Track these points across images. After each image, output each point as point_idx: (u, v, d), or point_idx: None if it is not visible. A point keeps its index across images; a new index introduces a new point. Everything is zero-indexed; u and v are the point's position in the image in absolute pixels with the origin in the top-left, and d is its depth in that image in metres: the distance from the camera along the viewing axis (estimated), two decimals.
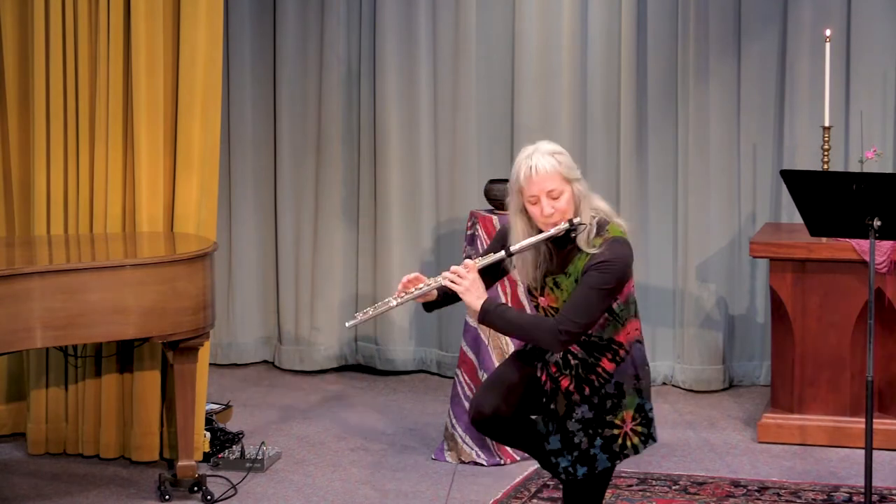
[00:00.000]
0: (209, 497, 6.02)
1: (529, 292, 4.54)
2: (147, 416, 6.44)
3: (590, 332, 4.43)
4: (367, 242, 8.15)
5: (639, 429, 4.55)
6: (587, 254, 4.43)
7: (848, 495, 6.05)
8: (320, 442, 6.86)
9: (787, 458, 6.58)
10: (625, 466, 6.43)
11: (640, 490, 6.11)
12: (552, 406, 4.52)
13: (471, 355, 6.43)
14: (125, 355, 6.47)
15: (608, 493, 6.06)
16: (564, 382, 4.46)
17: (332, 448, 6.77)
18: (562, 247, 4.48)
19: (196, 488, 6.06)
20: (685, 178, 7.70)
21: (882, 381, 6.75)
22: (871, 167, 6.82)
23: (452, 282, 4.42)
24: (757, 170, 7.69)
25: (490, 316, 4.38)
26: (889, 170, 7.39)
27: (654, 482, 6.22)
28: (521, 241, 4.46)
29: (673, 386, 7.79)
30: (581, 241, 4.45)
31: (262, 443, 6.51)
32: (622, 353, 4.46)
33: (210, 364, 6.74)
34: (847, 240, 6.55)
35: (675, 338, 7.82)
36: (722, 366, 7.71)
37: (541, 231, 4.46)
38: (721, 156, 7.66)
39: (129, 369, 6.47)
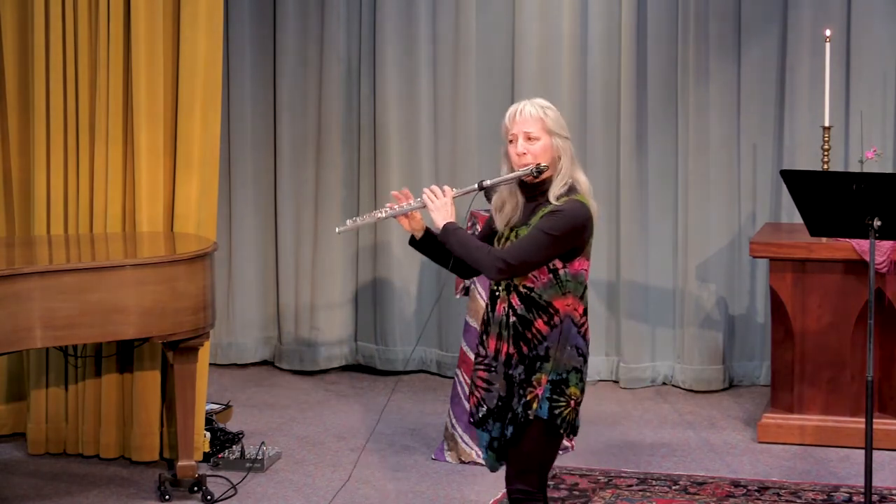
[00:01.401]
0: (209, 497, 6.02)
1: (498, 238, 4.71)
2: (147, 416, 6.44)
3: (531, 286, 4.53)
4: (367, 242, 8.15)
5: (551, 398, 4.56)
6: (549, 207, 4.57)
7: (848, 495, 6.05)
8: (320, 442, 6.86)
9: (787, 458, 6.58)
10: (625, 466, 6.44)
11: (640, 490, 6.11)
12: (487, 406, 4.61)
13: (470, 355, 6.43)
14: (125, 355, 6.47)
15: (608, 494, 6.06)
16: (504, 348, 4.58)
17: (332, 448, 6.77)
18: (531, 199, 4.61)
19: (196, 488, 6.07)
20: (685, 177, 7.70)
21: (882, 381, 6.75)
22: (871, 167, 6.82)
23: (425, 198, 4.62)
24: (757, 170, 7.69)
25: (449, 235, 4.57)
26: (889, 170, 7.39)
27: (654, 482, 6.22)
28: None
29: (673, 386, 7.79)
30: (552, 191, 4.59)
31: (262, 443, 6.51)
32: (556, 319, 4.55)
33: (210, 364, 6.74)
34: (847, 240, 6.55)
35: (675, 338, 7.82)
36: (722, 366, 7.71)
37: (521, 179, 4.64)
38: (721, 156, 7.66)
39: (129, 369, 6.47)
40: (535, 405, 4.55)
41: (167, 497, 6.04)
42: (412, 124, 8.00)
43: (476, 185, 4.65)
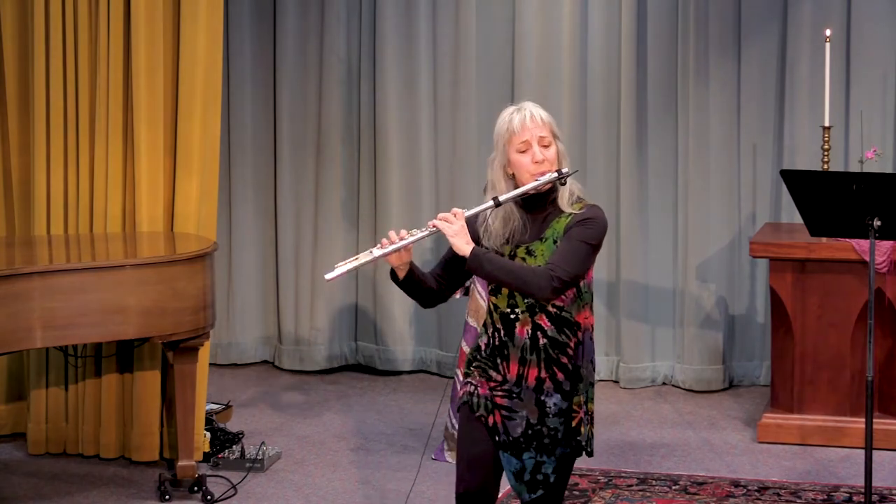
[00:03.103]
0: (209, 497, 6.02)
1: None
2: (147, 416, 6.44)
3: (561, 304, 4.36)
4: (367, 242, 8.15)
5: (587, 419, 4.47)
6: (566, 216, 4.37)
7: (848, 495, 6.05)
8: (320, 442, 6.86)
9: (787, 458, 6.58)
10: (625, 466, 6.44)
11: (640, 490, 6.11)
12: (510, 435, 4.44)
13: None
14: (125, 355, 6.47)
15: (608, 494, 6.06)
16: (533, 373, 4.39)
17: (332, 448, 6.77)
18: (538, 210, 4.40)
19: (196, 488, 6.07)
20: (685, 178, 7.70)
21: (882, 381, 6.75)
22: (871, 167, 6.82)
23: (442, 224, 4.34)
24: (757, 170, 7.69)
25: (480, 259, 4.30)
26: (889, 170, 7.39)
27: (654, 482, 6.22)
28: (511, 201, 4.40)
29: (673, 386, 7.79)
30: (563, 202, 4.38)
31: (262, 443, 6.51)
32: (580, 335, 4.40)
33: (210, 364, 6.74)
34: (847, 240, 6.56)
35: (675, 338, 7.82)
36: (722, 366, 7.71)
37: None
38: (721, 156, 7.66)
39: (129, 369, 6.47)
40: (582, 430, 4.40)
41: (167, 497, 6.04)
42: (412, 124, 8.00)
43: (492, 202, 4.35)
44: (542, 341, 4.37)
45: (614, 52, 7.75)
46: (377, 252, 4.36)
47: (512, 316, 4.40)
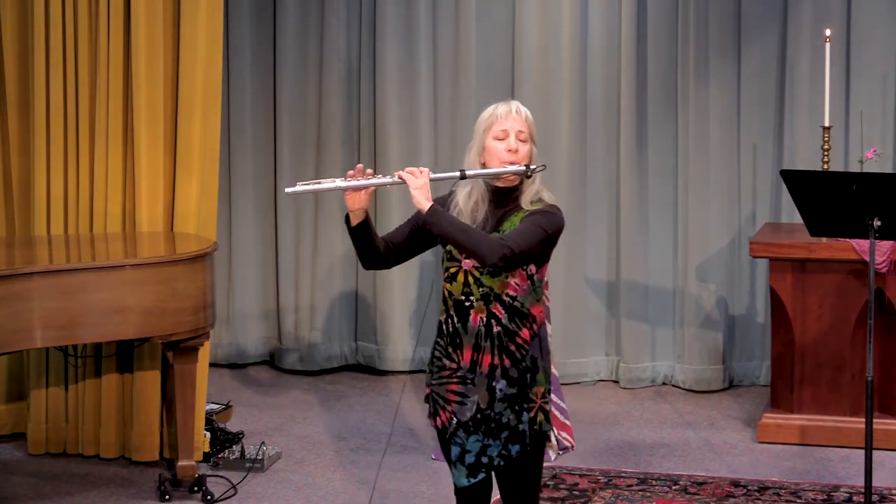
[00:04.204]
0: (209, 497, 6.02)
1: (451, 257, 4.52)
2: (147, 416, 6.44)
3: (514, 294, 4.45)
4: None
5: (547, 408, 4.57)
6: (524, 211, 4.47)
7: (848, 495, 6.05)
8: (320, 442, 6.86)
9: (787, 458, 6.58)
10: (625, 466, 6.44)
11: (640, 490, 6.11)
12: (459, 419, 4.52)
13: None
14: (125, 355, 6.47)
15: (608, 494, 6.06)
16: (487, 360, 4.46)
17: (332, 448, 6.77)
18: (501, 206, 4.51)
19: (196, 488, 6.07)
20: (685, 178, 7.70)
21: (882, 381, 6.75)
22: (871, 167, 6.82)
23: (407, 176, 4.47)
24: (757, 170, 7.69)
25: (438, 215, 4.41)
26: (889, 170, 7.39)
27: (654, 482, 6.22)
28: (486, 192, 4.51)
29: (673, 386, 7.79)
30: (525, 199, 4.49)
31: (262, 443, 6.51)
32: (535, 327, 4.49)
33: (210, 364, 6.74)
34: (847, 240, 6.55)
35: (675, 338, 7.82)
36: (722, 366, 7.71)
37: (493, 183, 4.51)
38: (721, 156, 7.66)
39: (129, 369, 6.47)
40: (539, 419, 4.49)
41: (167, 497, 6.04)
42: (412, 124, 8.00)
43: (458, 173, 4.48)
44: (495, 329, 4.46)
45: (614, 52, 7.75)
46: (341, 183, 4.44)
47: (466, 304, 4.47)
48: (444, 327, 4.52)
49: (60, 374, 6.59)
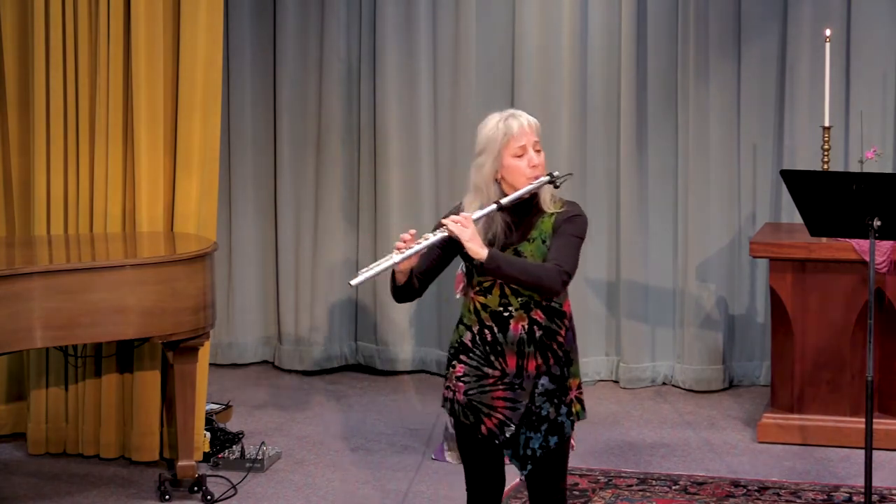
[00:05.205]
0: (209, 497, 6.02)
1: (482, 271, 4.51)
2: (147, 416, 6.44)
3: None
4: (367, 242, 8.15)
5: (582, 397, 4.65)
6: (549, 215, 4.51)
7: (848, 495, 6.05)
8: (320, 442, 6.86)
9: (787, 458, 6.58)
10: (625, 466, 6.44)
11: (640, 490, 6.11)
12: (512, 423, 4.56)
13: None
14: (125, 355, 6.47)
15: (608, 494, 6.06)
16: (532, 364, 4.52)
17: (332, 448, 6.77)
18: (525, 214, 4.53)
19: (196, 488, 6.07)
20: (685, 178, 7.70)
21: (882, 381, 6.75)
22: (871, 167, 6.82)
23: (455, 229, 4.42)
24: (757, 170, 7.69)
25: (498, 260, 4.41)
26: (889, 170, 7.39)
27: (654, 482, 6.22)
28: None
29: (673, 386, 7.79)
30: (545, 201, 4.53)
31: (262, 443, 6.51)
32: (567, 321, 4.59)
33: (210, 364, 6.74)
34: (847, 240, 6.55)
35: (675, 338, 7.82)
36: (722, 366, 7.71)
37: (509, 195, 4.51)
38: (721, 156, 7.66)
39: (129, 369, 6.47)
40: (576, 409, 4.59)
41: (167, 497, 6.04)
42: (412, 124, 8.00)
43: (495, 206, 4.46)
44: (538, 333, 4.53)
45: (614, 52, 7.75)
46: (397, 257, 4.43)
47: (505, 314, 4.52)
48: (479, 338, 4.55)
49: (60, 374, 6.59)
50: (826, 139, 6.98)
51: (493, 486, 4.65)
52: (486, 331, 4.54)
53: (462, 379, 4.57)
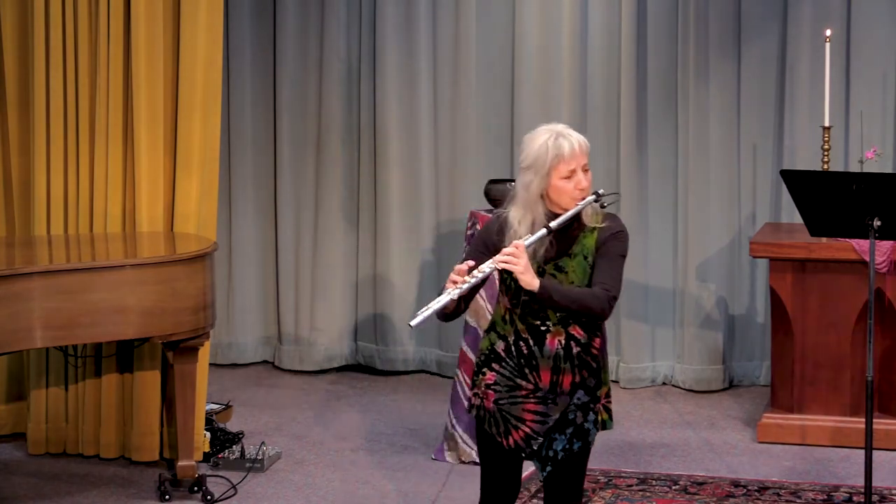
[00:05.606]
0: (209, 497, 6.02)
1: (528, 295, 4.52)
2: (147, 416, 6.44)
3: None
4: (367, 242, 8.15)
5: (609, 406, 4.63)
6: (592, 231, 4.49)
7: (848, 495, 6.05)
8: (320, 442, 6.86)
9: (787, 458, 6.58)
10: (625, 466, 6.44)
11: (640, 490, 6.11)
12: (539, 436, 4.57)
13: (471, 355, 6.43)
14: (125, 355, 6.47)
15: (608, 494, 6.06)
16: (567, 379, 4.51)
17: (332, 448, 6.77)
18: (566, 228, 4.51)
19: (196, 488, 6.07)
20: (685, 178, 7.70)
21: (882, 381, 6.75)
22: (871, 167, 6.82)
23: (508, 263, 4.41)
24: (757, 170, 7.69)
25: (549, 290, 4.42)
26: (889, 170, 7.39)
27: (654, 482, 6.22)
28: (548, 223, 4.47)
29: (673, 386, 7.79)
30: (587, 216, 4.51)
31: (262, 443, 6.51)
32: (600, 330, 4.58)
33: (210, 364, 6.74)
34: (847, 240, 6.55)
35: (675, 338, 7.82)
36: (722, 366, 7.71)
37: (554, 213, 4.47)
38: (721, 156, 7.66)
39: (129, 369, 6.47)
40: (603, 417, 4.59)
41: (167, 497, 6.04)
42: (412, 124, 8.00)
43: (545, 230, 4.44)
44: (575, 349, 4.51)
45: (614, 52, 7.75)
46: (455, 293, 4.41)
47: (542, 328, 4.51)
48: (514, 349, 4.54)
49: (60, 374, 6.59)
50: (826, 139, 6.98)
51: (508, 492, 4.64)
52: (522, 343, 4.52)
53: (493, 387, 4.56)
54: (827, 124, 6.97)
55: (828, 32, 7.00)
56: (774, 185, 7.62)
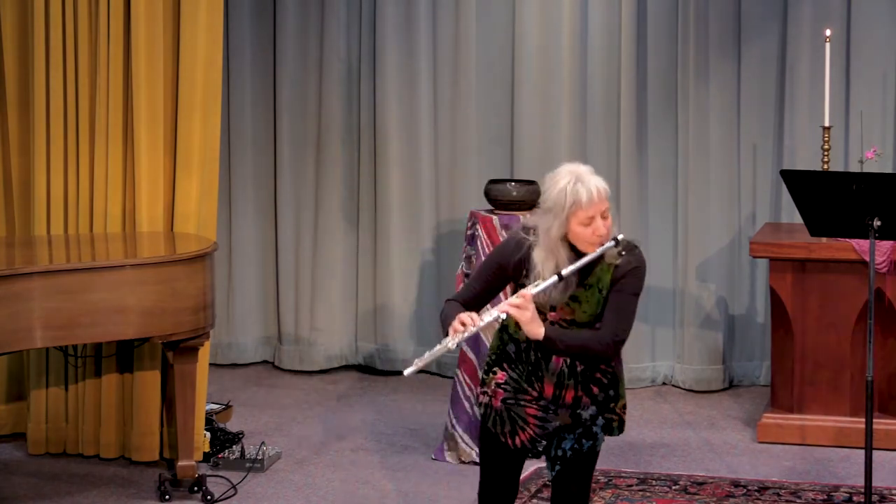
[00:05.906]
0: (209, 497, 6.02)
1: (537, 310, 4.52)
2: (147, 416, 6.44)
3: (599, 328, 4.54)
4: (367, 242, 8.15)
5: (624, 416, 4.67)
6: (608, 266, 4.49)
7: (848, 495, 6.05)
8: (320, 442, 6.86)
9: (787, 458, 6.58)
10: (625, 466, 6.44)
11: (640, 490, 6.11)
12: (542, 441, 4.59)
13: (471, 355, 6.43)
14: (125, 355, 6.47)
15: (608, 494, 6.06)
16: (570, 394, 4.52)
17: (332, 448, 6.77)
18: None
19: (196, 488, 6.07)
20: (685, 178, 7.70)
21: (882, 381, 6.75)
22: (871, 167, 6.82)
23: (513, 311, 4.45)
24: (757, 170, 7.69)
25: (555, 340, 4.47)
26: (889, 170, 7.39)
27: (654, 482, 6.22)
28: (567, 266, 4.47)
29: (673, 386, 7.79)
30: (607, 257, 4.51)
31: (262, 443, 6.51)
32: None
33: (210, 364, 6.74)
34: (847, 240, 6.55)
35: (675, 338, 7.82)
36: (722, 366, 7.71)
37: (579, 253, 4.47)
38: (721, 156, 7.66)
39: (129, 369, 6.47)
40: (613, 423, 4.61)
41: (167, 497, 6.04)
42: (412, 124, 8.00)
43: (556, 278, 4.45)
44: (579, 367, 4.54)
45: (614, 52, 7.75)
46: (452, 343, 4.47)
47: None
48: (524, 354, 4.57)
49: (60, 374, 6.59)
50: (826, 139, 6.98)
51: (507, 492, 4.66)
52: (532, 351, 4.56)
53: (502, 386, 4.58)
54: (827, 124, 6.97)
55: (828, 32, 7.00)
56: (774, 185, 7.62)
